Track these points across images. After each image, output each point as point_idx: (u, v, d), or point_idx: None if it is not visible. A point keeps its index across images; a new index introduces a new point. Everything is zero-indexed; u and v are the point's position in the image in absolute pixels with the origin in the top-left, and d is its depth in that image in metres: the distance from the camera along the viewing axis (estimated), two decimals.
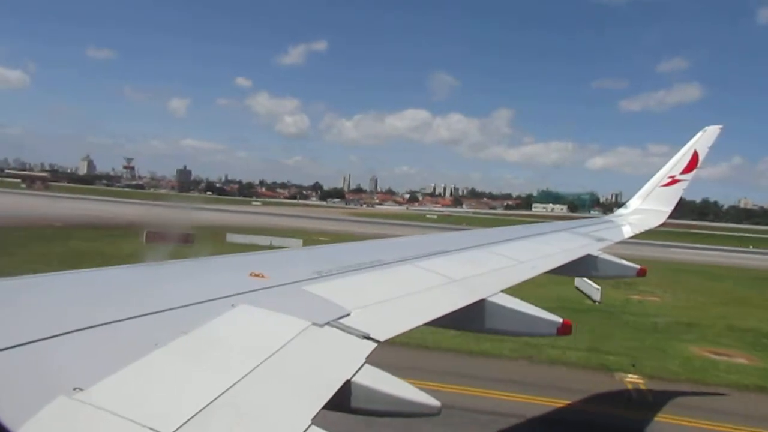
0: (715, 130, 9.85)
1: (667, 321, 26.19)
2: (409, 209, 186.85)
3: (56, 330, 1.92)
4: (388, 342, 2.67)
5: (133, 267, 3.17)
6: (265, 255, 4.19)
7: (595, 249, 6.96)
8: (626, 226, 9.34)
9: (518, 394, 14.98)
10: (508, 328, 3.97)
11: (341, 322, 2.71)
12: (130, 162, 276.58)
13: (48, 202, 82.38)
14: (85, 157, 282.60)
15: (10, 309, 2.17)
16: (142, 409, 1.63)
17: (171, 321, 2.28)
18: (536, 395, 14.98)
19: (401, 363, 4.62)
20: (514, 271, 4.93)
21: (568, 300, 27.81)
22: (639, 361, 18.60)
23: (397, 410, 2.32)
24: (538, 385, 15.69)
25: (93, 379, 1.69)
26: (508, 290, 4.17)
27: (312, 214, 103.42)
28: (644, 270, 6.98)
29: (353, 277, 3.62)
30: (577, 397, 15.28)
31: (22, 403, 1.49)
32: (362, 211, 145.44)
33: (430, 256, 4.65)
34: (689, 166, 9.74)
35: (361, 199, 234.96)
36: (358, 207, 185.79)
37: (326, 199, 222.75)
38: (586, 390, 15.77)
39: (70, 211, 66.41)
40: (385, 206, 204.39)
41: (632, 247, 20.48)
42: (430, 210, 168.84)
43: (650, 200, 10.10)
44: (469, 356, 18.00)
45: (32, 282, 2.57)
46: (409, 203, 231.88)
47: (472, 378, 15.87)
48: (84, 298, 2.47)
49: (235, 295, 2.71)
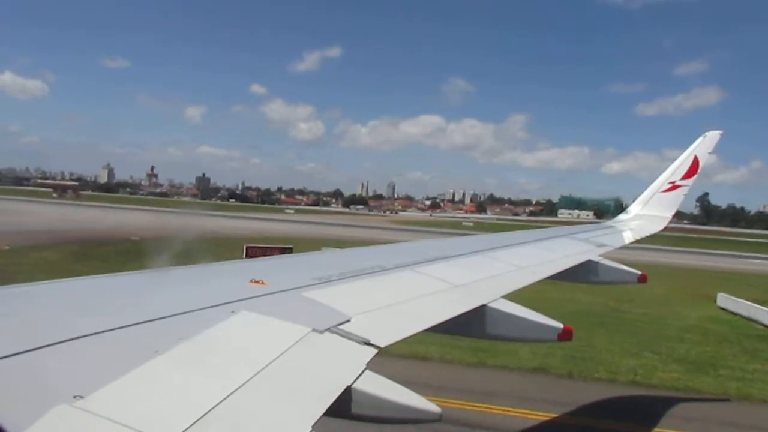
0: (716, 136, 9.84)
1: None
2: (433, 216, 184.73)
3: (56, 337, 1.93)
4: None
5: (133, 274, 3.15)
6: (265, 261, 4.21)
7: (595, 254, 6.94)
8: (627, 231, 9.29)
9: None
10: (509, 333, 3.97)
11: (342, 328, 2.70)
12: (153, 170, 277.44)
13: (95, 213, 79.96)
14: (106, 165, 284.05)
15: (11, 316, 2.18)
16: (142, 417, 1.62)
17: (171, 328, 2.27)
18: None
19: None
20: (514, 277, 4.93)
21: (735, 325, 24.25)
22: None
23: (398, 416, 2.31)
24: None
25: (93, 386, 1.69)
26: (510, 296, 4.16)
27: (348, 221, 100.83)
28: (645, 276, 6.95)
29: (354, 282, 3.60)
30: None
31: (23, 411, 1.49)
32: (395, 218, 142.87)
33: (430, 261, 4.66)
34: (689, 171, 9.71)
35: (383, 205, 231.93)
36: (381, 214, 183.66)
37: (349, 206, 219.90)
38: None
39: (132, 222, 63.81)
40: (408, 213, 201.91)
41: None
42: (465, 217, 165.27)
43: (651, 206, 10.05)
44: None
45: (33, 290, 2.58)
46: (431, 209, 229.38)
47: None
48: (84, 306, 2.47)
49: (235, 301, 2.71)
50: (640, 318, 24.70)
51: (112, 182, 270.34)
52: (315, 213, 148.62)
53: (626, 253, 8.74)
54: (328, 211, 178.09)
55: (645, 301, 27.19)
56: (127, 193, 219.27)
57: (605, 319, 23.65)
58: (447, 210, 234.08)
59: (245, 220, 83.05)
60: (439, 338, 11.32)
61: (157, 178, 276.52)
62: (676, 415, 13.76)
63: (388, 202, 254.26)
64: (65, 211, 78.63)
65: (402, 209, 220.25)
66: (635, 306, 26.51)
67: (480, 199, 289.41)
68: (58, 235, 45.63)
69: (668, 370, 17.13)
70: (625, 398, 14.89)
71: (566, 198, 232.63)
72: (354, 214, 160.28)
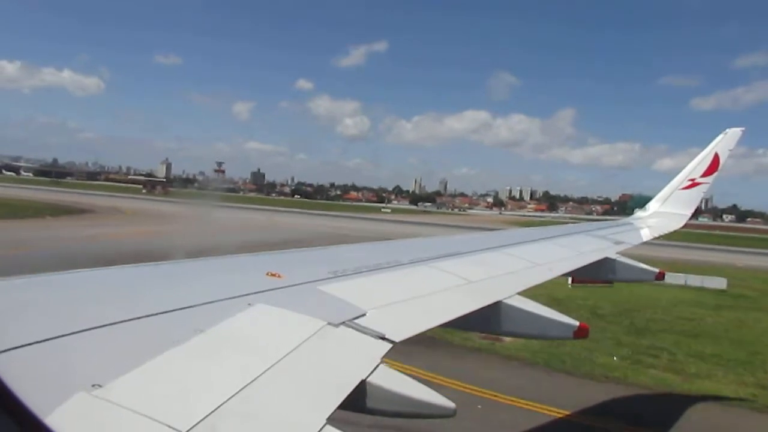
0: (737, 133, 9.68)
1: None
2: (502, 214, 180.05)
3: (76, 327, 1.95)
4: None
5: (151, 265, 3.17)
6: (281, 255, 4.20)
7: (613, 252, 6.82)
8: (645, 228, 9.17)
9: None
10: (524, 330, 3.97)
11: (357, 323, 2.70)
12: (221, 166, 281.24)
13: (208, 211, 79.57)
14: (164, 160, 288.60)
15: (34, 305, 2.22)
16: (158, 406, 1.65)
17: (189, 319, 2.28)
18: None
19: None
20: (530, 274, 4.89)
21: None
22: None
23: (412, 411, 2.31)
24: None
25: (112, 375, 1.71)
26: (525, 293, 4.11)
27: (453, 222, 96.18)
28: (663, 273, 6.89)
29: (369, 277, 3.60)
30: None
31: (43, 399, 1.51)
32: (486, 217, 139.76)
33: (446, 257, 4.64)
34: (710, 169, 9.55)
35: (448, 203, 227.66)
36: (453, 212, 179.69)
37: (417, 203, 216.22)
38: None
39: (268, 223, 62.03)
40: (476, 211, 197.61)
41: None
42: (540, 215, 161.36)
43: (670, 203, 9.90)
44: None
45: (53, 280, 2.58)
46: (497, 207, 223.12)
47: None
48: (103, 296, 2.50)
49: (251, 294, 2.72)
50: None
51: (170, 177, 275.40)
52: (410, 213, 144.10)
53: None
54: (420, 210, 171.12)
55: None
56: (195, 189, 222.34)
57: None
58: (509, 207, 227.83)
59: (347, 219, 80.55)
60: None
61: (224, 174, 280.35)
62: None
63: (448, 198, 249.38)
64: (250, 215, 73.06)
65: (469, 207, 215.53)
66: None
67: (536, 197, 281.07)
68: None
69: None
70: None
71: (639, 197, 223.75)
72: (437, 213, 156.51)
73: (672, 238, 8.94)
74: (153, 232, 45.85)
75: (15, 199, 69.18)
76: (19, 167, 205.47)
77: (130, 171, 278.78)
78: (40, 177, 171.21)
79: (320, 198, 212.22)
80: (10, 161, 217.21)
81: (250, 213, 77.52)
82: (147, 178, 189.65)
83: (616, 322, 22.03)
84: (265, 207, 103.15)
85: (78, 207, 68.25)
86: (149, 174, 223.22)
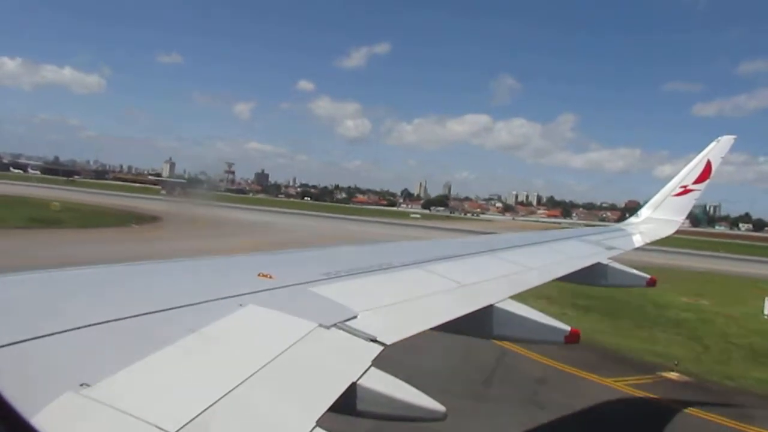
0: (729, 140, 9.76)
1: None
2: (516, 219, 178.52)
3: (65, 326, 1.94)
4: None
5: (142, 264, 3.15)
6: (273, 255, 4.16)
7: (604, 257, 6.89)
8: (636, 235, 9.24)
9: None
10: (515, 334, 3.97)
11: (348, 325, 2.69)
12: (231, 167, 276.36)
13: (246, 215, 76.02)
14: (168, 159, 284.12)
15: (23, 303, 2.19)
16: (147, 406, 1.64)
17: (179, 319, 2.27)
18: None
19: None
20: (522, 278, 4.91)
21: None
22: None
23: (403, 414, 2.31)
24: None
25: (100, 375, 1.70)
26: (517, 297, 4.10)
27: (485, 228, 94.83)
28: (654, 279, 6.95)
29: (361, 279, 3.59)
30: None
31: (30, 397, 1.50)
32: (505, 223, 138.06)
33: (439, 260, 4.64)
34: (702, 176, 9.62)
35: (461, 207, 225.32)
36: (463, 216, 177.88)
37: (429, 207, 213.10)
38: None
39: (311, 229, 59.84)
40: (489, 215, 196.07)
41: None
42: (556, 222, 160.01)
43: (662, 209, 9.97)
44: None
45: (41, 278, 2.58)
46: (509, 213, 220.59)
47: None
48: (93, 295, 2.47)
49: (242, 294, 2.70)
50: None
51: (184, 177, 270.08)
52: (437, 218, 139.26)
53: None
54: (443, 216, 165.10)
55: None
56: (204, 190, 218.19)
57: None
58: (519, 212, 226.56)
59: (389, 226, 77.16)
60: None
61: (234, 175, 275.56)
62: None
63: (457, 203, 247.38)
64: (301, 222, 69.31)
65: (481, 211, 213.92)
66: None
67: (541, 202, 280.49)
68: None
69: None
70: None
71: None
72: (462, 219, 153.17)
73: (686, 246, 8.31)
74: (268, 243, 41.55)
75: (62, 200, 63.32)
76: (27, 165, 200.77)
77: (131, 170, 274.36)
78: (47, 175, 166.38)
79: (327, 200, 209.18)
80: (11, 158, 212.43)
81: (291, 218, 74.94)
82: (157, 177, 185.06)
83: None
84: (291, 210, 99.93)
85: (136, 212, 61.99)
86: (156, 173, 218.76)
